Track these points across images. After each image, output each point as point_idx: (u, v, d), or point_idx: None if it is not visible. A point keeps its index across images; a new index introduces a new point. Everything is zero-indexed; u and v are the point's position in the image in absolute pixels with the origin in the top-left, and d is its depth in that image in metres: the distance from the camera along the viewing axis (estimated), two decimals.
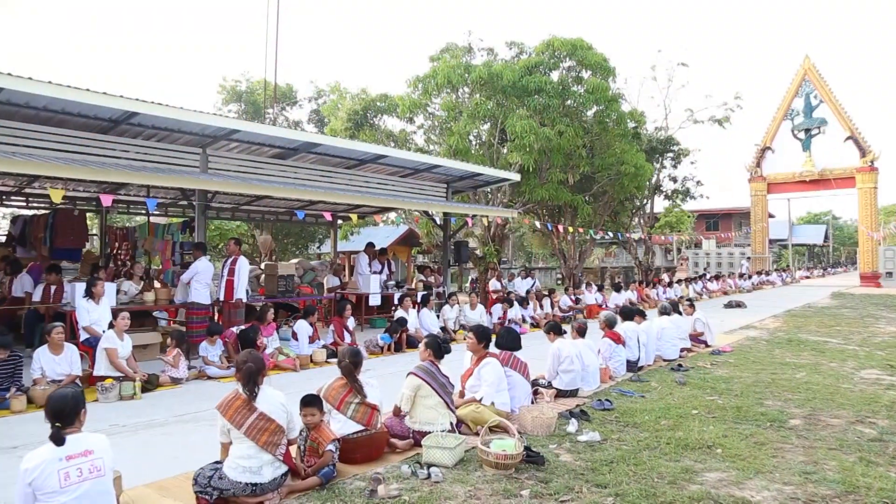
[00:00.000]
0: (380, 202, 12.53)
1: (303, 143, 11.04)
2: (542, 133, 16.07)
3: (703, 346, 10.63)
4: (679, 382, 7.62)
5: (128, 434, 5.57)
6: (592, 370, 7.26)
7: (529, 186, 18.13)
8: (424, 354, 5.32)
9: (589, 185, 21.06)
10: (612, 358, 8.01)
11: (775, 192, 35.27)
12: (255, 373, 3.94)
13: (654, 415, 6.09)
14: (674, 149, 26.52)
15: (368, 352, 9.95)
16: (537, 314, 14.80)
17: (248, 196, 15.03)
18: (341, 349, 5.19)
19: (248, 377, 3.92)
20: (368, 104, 20.20)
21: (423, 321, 11.32)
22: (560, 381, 6.82)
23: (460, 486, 4.22)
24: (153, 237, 12.43)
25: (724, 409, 6.37)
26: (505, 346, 6.26)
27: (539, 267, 42.29)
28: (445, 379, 5.25)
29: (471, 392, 5.75)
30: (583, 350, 7.18)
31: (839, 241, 78.71)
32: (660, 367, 8.83)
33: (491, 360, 5.71)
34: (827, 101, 32.93)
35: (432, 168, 13.72)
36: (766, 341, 11.53)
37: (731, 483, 4.33)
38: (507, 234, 22.75)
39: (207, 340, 8.25)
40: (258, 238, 21.03)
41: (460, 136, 17.30)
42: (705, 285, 24.98)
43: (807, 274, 44.10)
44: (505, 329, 6.49)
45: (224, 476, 3.83)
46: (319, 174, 12.48)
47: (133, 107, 8.52)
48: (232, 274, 9.98)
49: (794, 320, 15.29)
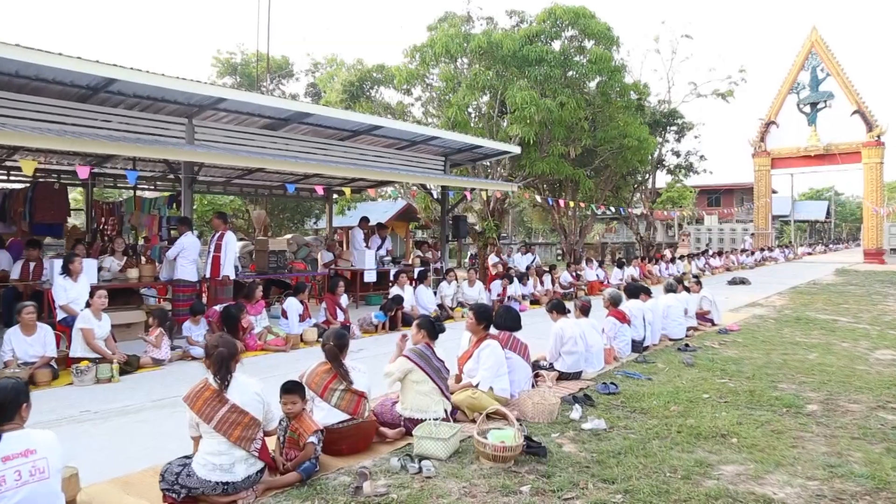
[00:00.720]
0: (375, 175, 12.07)
1: (294, 112, 10.55)
2: (543, 104, 15.52)
3: (709, 324, 10.27)
4: (687, 364, 7.25)
5: (99, 421, 5.20)
6: (596, 351, 6.89)
7: (530, 160, 17.63)
8: (418, 336, 4.93)
9: (590, 159, 20.55)
10: (617, 338, 7.64)
11: (779, 167, 34.73)
12: (227, 359, 3.55)
13: (663, 399, 5.72)
14: (677, 122, 25.93)
15: (362, 330, 9.59)
16: (537, 291, 14.43)
17: (240, 169, 14.57)
18: (327, 330, 4.80)
19: (220, 364, 3.53)
20: (364, 75, 19.61)
21: (419, 298, 10.94)
22: (562, 363, 6.45)
23: (454, 482, 3.86)
24: (139, 212, 11.99)
25: (737, 392, 6.00)
26: (504, 325, 5.87)
27: (539, 242, 41.90)
28: (440, 363, 4.86)
29: (468, 376, 5.38)
30: (586, 330, 6.80)
31: (841, 217, 78.33)
32: (666, 347, 8.46)
33: (491, 342, 5.32)
34: (834, 74, 32.23)
35: (429, 140, 13.23)
36: (773, 320, 11.16)
37: (749, 477, 3.97)
38: (507, 208, 22.31)
39: (191, 320, 7.86)
40: (252, 213, 20.59)
41: (459, 107, 16.76)
42: (708, 261, 24.61)
43: (809, 250, 43.70)
44: (504, 308, 6.09)
45: (193, 473, 3.46)
46: (312, 146, 12.01)
47: (111, 73, 8.03)
48: (218, 250, 9.59)
49: (801, 297, 14.93)
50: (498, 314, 5.93)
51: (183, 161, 10.16)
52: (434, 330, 4.95)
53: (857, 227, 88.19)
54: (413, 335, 4.96)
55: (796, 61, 33.69)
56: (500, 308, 6.08)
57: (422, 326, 4.94)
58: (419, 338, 4.90)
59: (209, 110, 10.03)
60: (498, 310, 6.01)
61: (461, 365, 5.46)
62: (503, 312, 5.94)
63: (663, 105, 26.11)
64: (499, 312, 5.96)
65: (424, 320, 4.98)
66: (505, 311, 5.98)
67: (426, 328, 4.93)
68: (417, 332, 4.93)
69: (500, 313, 5.94)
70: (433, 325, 4.95)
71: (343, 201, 21.21)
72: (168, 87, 8.59)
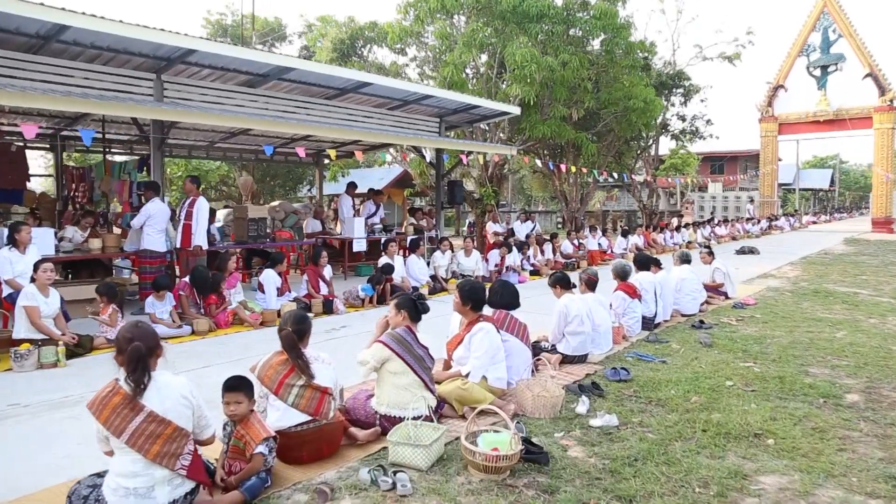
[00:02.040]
0: (364, 136, 11.23)
1: (273, 67, 9.65)
2: (545, 62, 14.55)
3: (722, 297, 9.53)
4: (704, 343, 6.51)
5: (26, 418, 4.46)
6: (604, 330, 6.15)
7: (530, 123, 16.70)
8: (397, 318, 4.16)
9: (593, 123, 19.60)
10: (626, 314, 6.89)
11: (787, 132, 33.65)
12: (143, 356, 2.77)
13: (682, 388, 4.99)
14: (684, 84, 24.86)
15: (347, 304, 8.84)
16: (537, 260, 13.67)
17: (223, 132, 13.70)
18: (284, 313, 4.03)
19: (134, 361, 2.75)
20: (356, 33, 18.53)
21: (410, 269, 10.16)
22: (566, 344, 5.70)
23: (435, 500, 3.14)
24: (110, 177, 11.15)
25: (764, 379, 5.27)
26: (500, 303, 5.12)
27: (539, 210, 41.02)
28: (424, 350, 4.10)
29: (458, 364, 4.64)
30: (593, 307, 6.05)
31: (845, 185, 77.29)
32: (679, 324, 7.71)
33: (485, 325, 4.55)
34: (846, 35, 30.98)
35: (423, 99, 12.33)
36: (790, 292, 10.42)
37: (797, 494, 3.25)
38: (507, 174, 21.44)
39: (154, 295, 7.08)
40: (238, 179, 19.71)
41: (455, 67, 15.75)
42: (713, 230, 23.80)
43: (814, 219, 42.83)
44: (500, 283, 5.30)
45: (102, 499, 2.73)
46: (296, 106, 11.12)
47: (62, 18, 7.14)
48: (189, 217, 8.82)
49: (814, 268, 14.18)
50: (493, 290, 5.17)
51: (151, 120, 9.34)
52: (416, 310, 4.18)
53: (861, 195, 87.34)
54: (391, 317, 4.20)
55: (807, 22, 32.40)
56: (496, 283, 5.30)
57: (401, 306, 4.17)
58: (398, 320, 4.15)
59: (179, 64, 9.15)
60: (493, 285, 5.24)
61: (450, 351, 4.72)
62: (499, 288, 5.18)
63: (668, 67, 25.02)
64: (494, 288, 5.19)
65: (404, 299, 4.20)
66: (501, 286, 5.21)
67: (406, 308, 4.16)
68: (396, 313, 4.17)
69: (495, 289, 5.18)
70: (415, 305, 4.18)
71: (336, 167, 20.29)
72: (130, 36, 7.70)
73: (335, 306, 8.32)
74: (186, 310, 7.30)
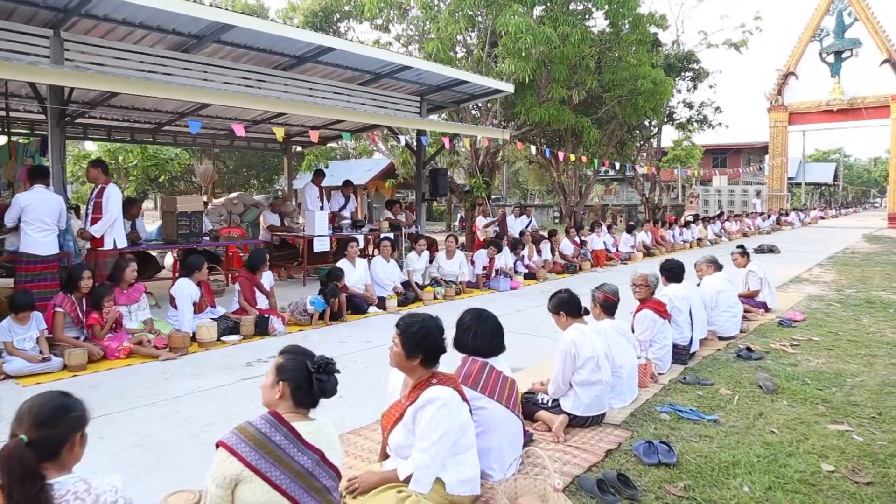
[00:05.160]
0: (323, 112, 9.34)
1: (208, 23, 7.74)
2: (542, 33, 12.64)
3: (761, 310, 7.71)
4: (766, 389, 4.66)
5: None
6: (628, 373, 4.30)
7: (525, 106, 14.81)
8: (271, 395, 2.30)
9: (594, 109, 17.71)
10: (655, 343, 5.05)
11: (797, 122, 31.84)
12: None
13: (757, 478, 3.15)
14: (693, 68, 22.95)
15: (291, 322, 6.98)
16: (533, 262, 11.81)
17: (168, 112, 11.79)
18: (23, 403, 2.11)
19: None
20: (330, 5, 16.57)
21: (375, 274, 8.23)
22: (576, 400, 3.85)
23: None
24: (14, 161, 9.26)
25: (875, 457, 3.44)
26: (474, 347, 3.26)
27: (535, 205, 39.12)
28: (312, 458, 2.22)
29: (398, 455, 2.78)
30: (613, 340, 4.21)
31: (848, 180, 75.66)
32: (718, 353, 5.87)
33: (441, 393, 2.69)
34: (863, 18, 29.10)
35: (400, 72, 10.40)
36: (839, 303, 8.59)
37: None
38: (499, 163, 19.57)
39: (13, 317, 5.19)
40: (197, 168, 17.77)
41: (441, 42, 13.85)
42: (723, 226, 21.99)
43: (821, 214, 41.09)
44: (474, 315, 3.37)
45: None
46: (240, 76, 9.22)
47: None
48: (98, 210, 6.97)
49: (849, 271, 12.37)
50: (463, 326, 3.30)
51: (46, 86, 7.44)
52: (308, 379, 2.29)
53: (864, 190, 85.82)
54: (264, 388, 2.33)
55: (820, 4, 30.53)
56: (468, 315, 3.39)
57: (282, 372, 2.29)
58: (272, 397, 2.27)
59: (84, 18, 7.25)
60: (463, 318, 3.36)
61: (385, 431, 2.85)
62: (472, 323, 3.29)
63: (676, 47, 23.13)
64: (464, 323, 3.31)
65: (287, 361, 2.31)
66: (476, 319, 3.31)
67: (286, 375, 2.29)
68: (273, 383, 2.29)
69: (466, 324, 3.29)
70: (306, 372, 2.29)
71: (311, 156, 18.35)
72: None
73: (271, 326, 6.44)
74: (59, 334, 5.42)
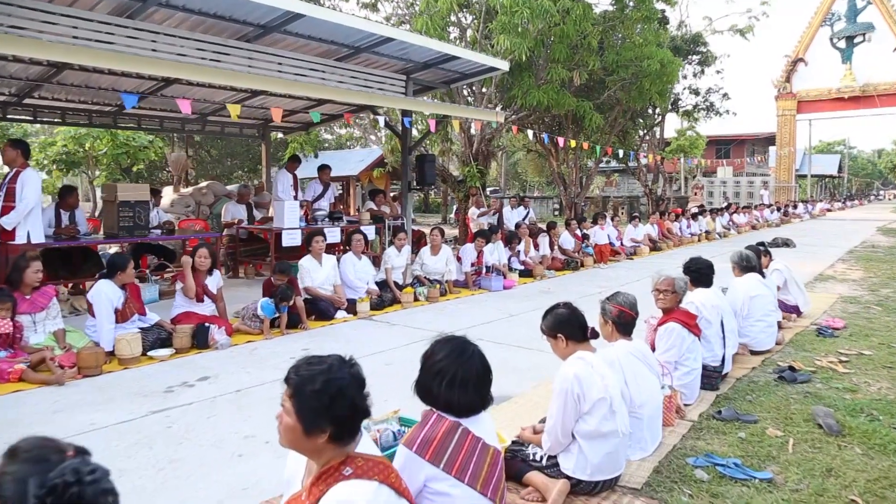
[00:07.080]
0: (289, 88, 8.24)
1: None
2: (540, 6, 11.52)
3: (793, 315, 6.65)
4: (828, 429, 3.58)
5: None
6: (650, 412, 3.22)
7: (522, 89, 13.71)
8: None
9: (597, 93, 16.59)
10: (682, 364, 3.97)
11: (806, 111, 30.74)
12: None
13: None
14: (701, 51, 21.80)
15: (241, 332, 5.90)
16: (530, 257, 10.74)
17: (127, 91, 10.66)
18: None
19: None
20: None
21: (345, 273, 7.11)
22: (580, 459, 2.76)
23: None
24: None
25: None
26: (445, 401, 2.17)
27: (534, 196, 37.98)
28: None
29: None
30: (631, 371, 3.13)
31: (852, 171, 74.53)
32: (753, 373, 4.79)
33: (355, 496, 1.61)
34: (876, 1, 27.95)
35: (381, 45, 9.26)
36: (878, 306, 7.53)
37: None
38: (495, 151, 18.46)
39: None
40: (169, 156, 16.63)
41: (431, 18, 12.72)
42: (731, 218, 20.91)
43: (828, 206, 39.97)
44: (450, 347, 2.21)
45: None
46: (196, 48, 8.10)
47: None
48: (10, 197, 5.93)
49: (875, 267, 11.30)
50: (430, 366, 2.21)
51: None
52: None
53: (868, 182, 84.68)
54: None
55: None
56: (439, 348, 2.24)
57: None
58: None
59: None
60: (432, 350, 2.25)
61: None
62: (445, 361, 2.16)
63: (683, 28, 22.00)
64: (432, 359, 2.21)
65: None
66: (451, 355, 2.18)
67: None
68: None
69: (435, 363, 2.19)
70: None
71: (295, 143, 17.22)
72: None
73: (211, 337, 5.35)
74: None
